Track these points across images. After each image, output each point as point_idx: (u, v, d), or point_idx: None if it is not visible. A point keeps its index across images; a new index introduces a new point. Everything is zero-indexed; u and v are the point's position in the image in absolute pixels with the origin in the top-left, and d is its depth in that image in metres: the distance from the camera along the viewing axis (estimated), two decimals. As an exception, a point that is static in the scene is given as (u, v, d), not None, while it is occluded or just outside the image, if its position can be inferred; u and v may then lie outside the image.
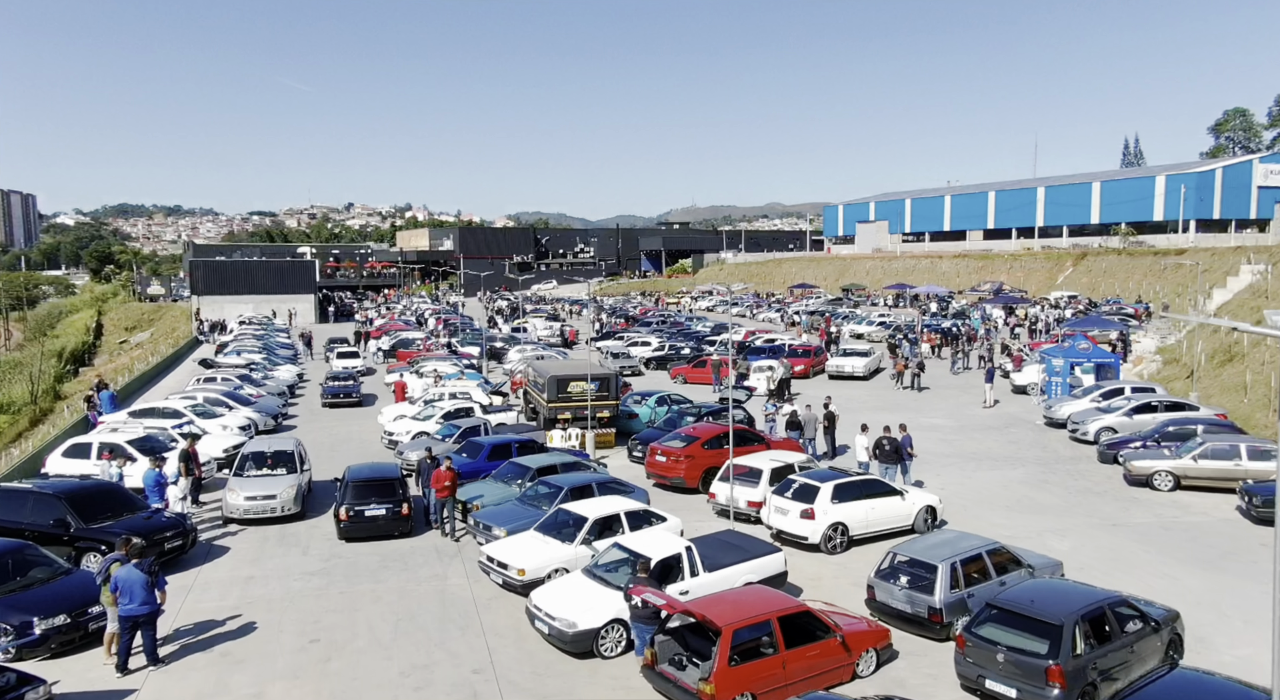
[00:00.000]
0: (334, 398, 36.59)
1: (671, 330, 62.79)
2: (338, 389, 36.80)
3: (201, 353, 59.33)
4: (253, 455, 21.36)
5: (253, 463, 21.09)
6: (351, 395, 36.76)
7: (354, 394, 36.86)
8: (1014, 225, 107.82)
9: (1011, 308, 68.29)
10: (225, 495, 20.15)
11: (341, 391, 36.66)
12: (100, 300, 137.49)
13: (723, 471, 20.33)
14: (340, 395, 36.62)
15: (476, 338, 58.41)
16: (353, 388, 37.08)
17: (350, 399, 36.67)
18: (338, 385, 37.07)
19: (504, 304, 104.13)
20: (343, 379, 37.79)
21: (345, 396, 36.63)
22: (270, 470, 20.85)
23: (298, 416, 34.81)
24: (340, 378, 37.96)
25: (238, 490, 20.00)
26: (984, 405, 33.74)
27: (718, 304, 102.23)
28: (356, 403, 36.74)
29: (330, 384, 37.30)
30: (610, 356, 46.34)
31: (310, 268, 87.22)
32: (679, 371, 42.82)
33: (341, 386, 36.98)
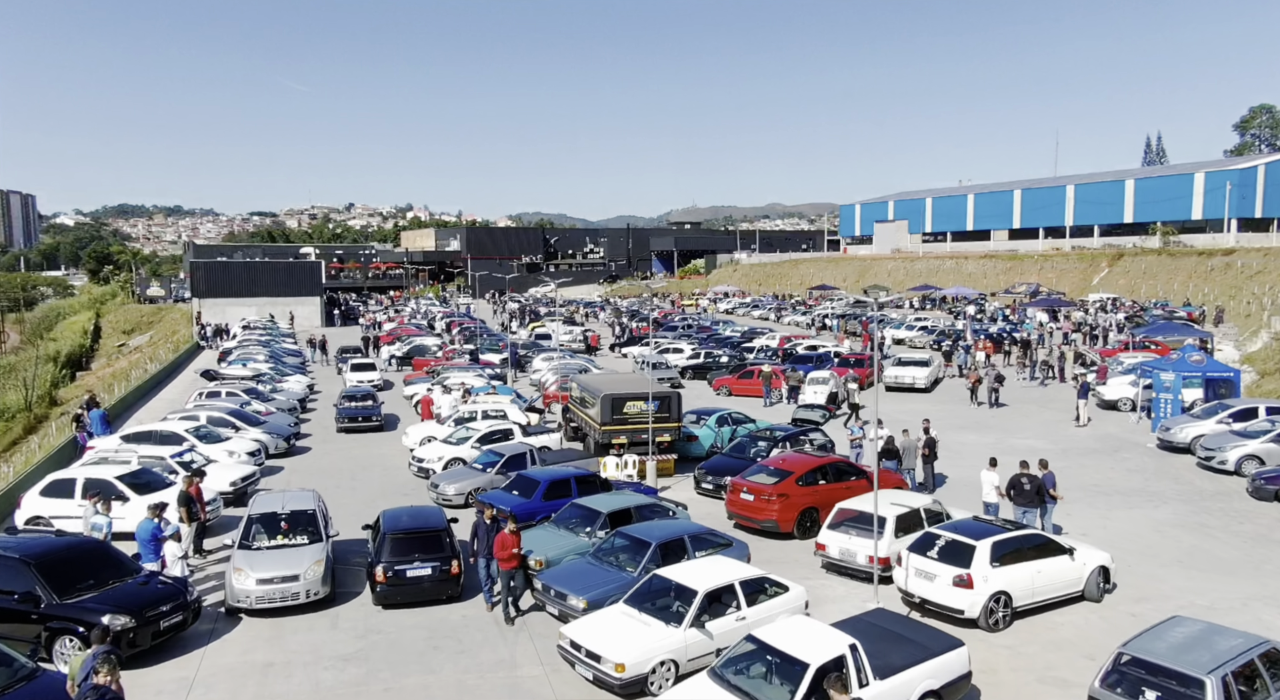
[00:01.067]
0: (351, 422, 31.65)
1: (700, 335, 59.34)
2: (355, 411, 31.90)
3: (203, 360, 55.87)
4: (262, 519, 16.26)
5: (263, 530, 16.08)
6: (371, 419, 31.79)
7: (374, 417, 31.88)
8: (1041, 225, 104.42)
9: (1055, 311, 64.78)
10: (230, 577, 15.11)
11: (360, 414, 31.79)
12: (98, 302, 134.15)
13: (834, 516, 16.86)
14: (359, 419, 31.70)
15: (495, 344, 54.99)
16: (372, 409, 32.23)
17: (371, 423, 31.89)
18: (355, 407, 32.24)
19: (515, 306, 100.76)
20: (360, 399, 33.07)
21: (364, 420, 31.74)
22: (287, 538, 15.91)
23: (311, 435, 31.32)
24: (357, 397, 33.25)
25: (247, 571, 14.99)
26: (1078, 424, 30.29)
27: (737, 306, 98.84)
28: (377, 427, 32.21)
29: (345, 405, 32.53)
30: (646, 366, 42.80)
31: (315, 269, 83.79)
32: (723, 383, 39.33)
33: (359, 408, 32.18)
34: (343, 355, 47.91)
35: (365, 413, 32.00)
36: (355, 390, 34.54)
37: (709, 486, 22.29)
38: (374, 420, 31.91)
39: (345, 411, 32.10)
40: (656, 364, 42.78)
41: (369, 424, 31.81)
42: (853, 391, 33.83)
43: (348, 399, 33.22)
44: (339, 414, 32.07)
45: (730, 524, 19.70)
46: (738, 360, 44.38)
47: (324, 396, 40.66)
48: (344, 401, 32.99)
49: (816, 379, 35.40)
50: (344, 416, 31.86)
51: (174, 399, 39.63)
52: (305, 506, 16.80)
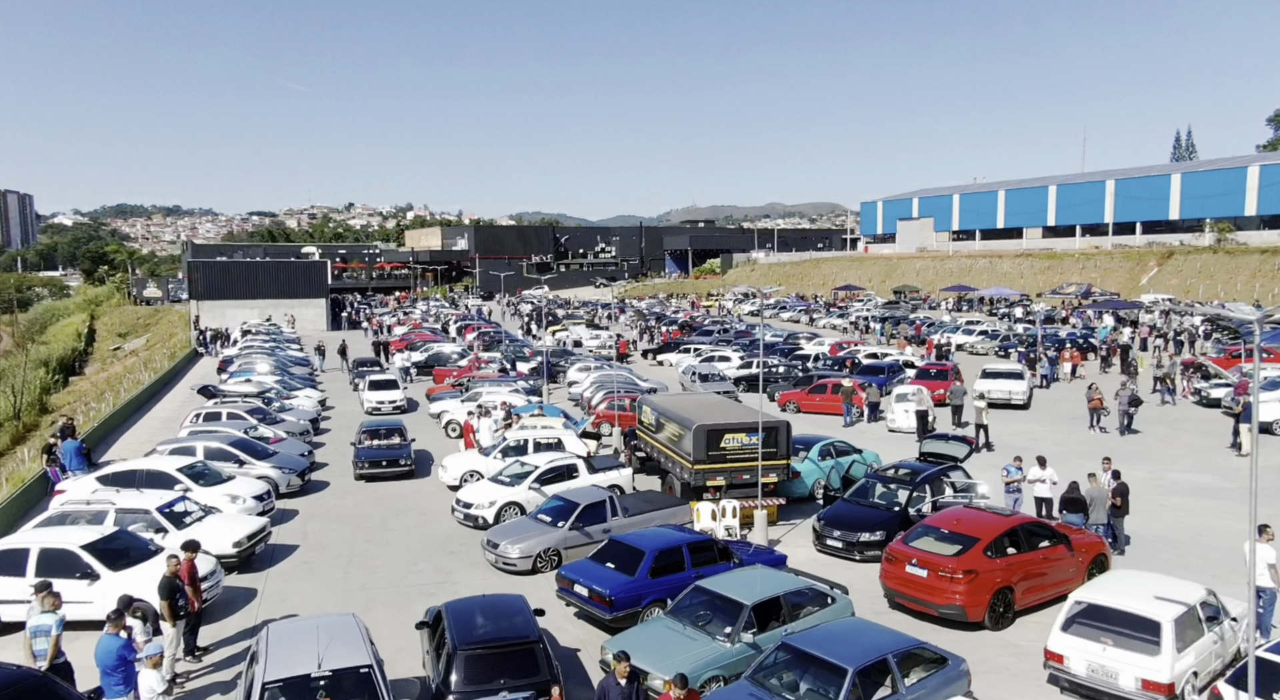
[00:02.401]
0: (373, 466, 24.26)
1: (740, 340, 54.67)
2: (379, 453, 24.61)
3: (201, 370, 51.12)
4: (287, 689, 9.73)
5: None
6: (400, 462, 24.45)
7: (403, 460, 24.57)
8: (1078, 222, 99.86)
9: (1119, 314, 60.13)
10: None
11: (385, 456, 24.50)
12: (93, 303, 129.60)
13: (1072, 610, 12.18)
14: (383, 463, 24.33)
15: (519, 350, 50.32)
16: (401, 450, 24.87)
17: (399, 468, 24.51)
18: (379, 448, 24.89)
19: (529, 307, 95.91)
20: (383, 435, 25.69)
21: (391, 464, 24.36)
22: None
23: (327, 465, 26.63)
24: (380, 433, 25.82)
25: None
26: (1238, 452, 25.66)
27: (762, 307, 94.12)
28: (407, 471, 24.75)
29: (367, 445, 25.17)
30: (694, 377, 38.16)
31: (321, 269, 79.04)
32: (790, 398, 34.64)
33: (385, 449, 24.82)
34: (358, 369, 42.26)
35: (392, 455, 24.62)
36: (378, 424, 26.77)
37: (836, 545, 17.64)
38: (403, 464, 24.55)
39: (366, 453, 24.68)
40: (707, 376, 38.17)
41: (397, 470, 24.50)
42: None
43: (368, 435, 25.71)
44: (358, 456, 24.69)
45: (868, 594, 15.09)
46: (797, 370, 39.69)
47: (337, 413, 35.98)
48: (364, 438, 25.63)
49: (904, 395, 30.73)
50: (364, 460, 24.38)
51: (168, 417, 34.95)
52: (354, 660, 10.17)
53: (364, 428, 26.46)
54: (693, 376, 38.51)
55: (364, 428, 26.46)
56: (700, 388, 36.83)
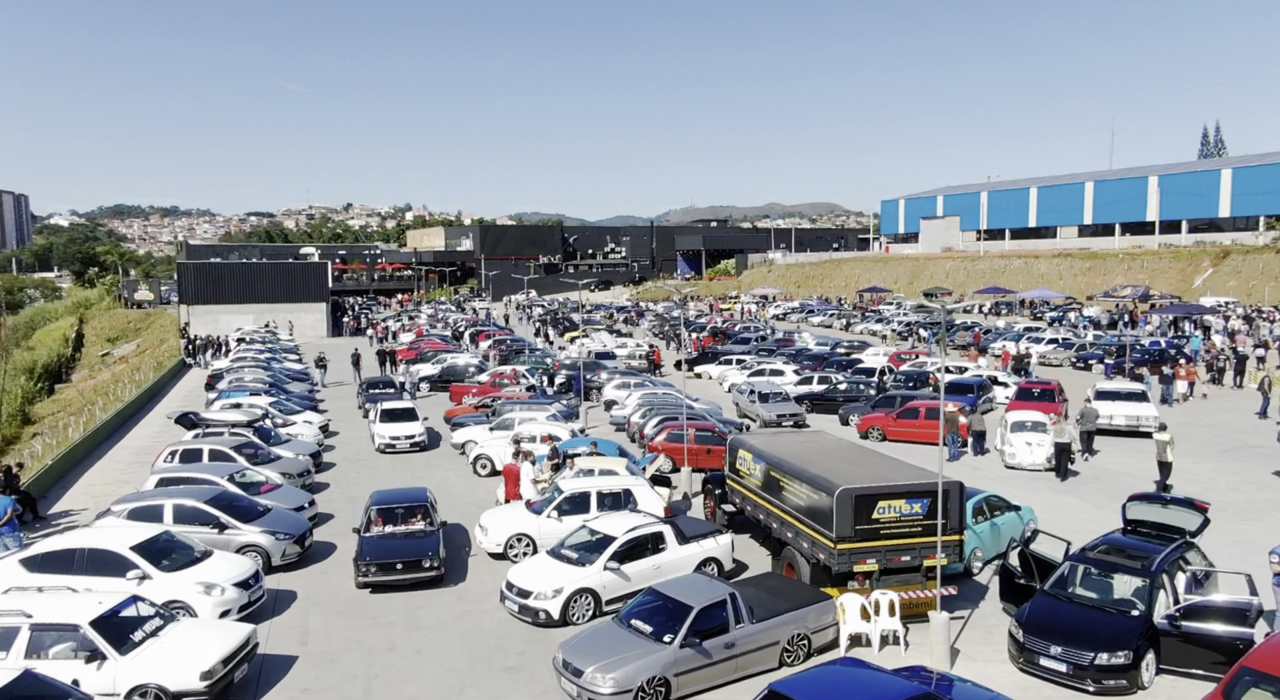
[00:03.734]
0: (384, 569, 16.23)
1: (784, 350, 49.53)
2: (393, 549, 16.56)
3: (186, 387, 45.86)
4: None
5: None
6: (425, 564, 16.35)
7: (428, 560, 16.42)
8: (1118, 220, 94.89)
9: (1191, 318, 55.02)
10: None
11: (403, 556, 16.37)
12: (82, 306, 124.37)
13: None
14: (399, 567, 16.27)
15: (541, 361, 45.17)
16: (427, 544, 16.78)
17: (423, 572, 16.41)
18: (395, 541, 16.85)
19: (540, 310, 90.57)
20: (403, 517, 17.55)
21: (410, 567, 16.31)
22: None
23: (332, 517, 21.47)
24: (398, 514, 17.62)
25: None
26: None
27: (788, 311, 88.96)
28: (436, 575, 16.56)
29: (376, 533, 17.15)
30: (756, 397, 32.99)
31: (321, 271, 73.78)
32: (873, 423, 29.44)
33: (403, 542, 16.84)
34: (370, 392, 35.54)
35: (413, 551, 16.51)
36: (394, 499, 18.23)
37: (1057, 667, 12.48)
38: (428, 566, 16.38)
39: (375, 548, 16.51)
40: (769, 395, 32.95)
41: (419, 574, 16.34)
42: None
43: (380, 516, 17.51)
44: (363, 553, 16.38)
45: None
46: (869, 388, 34.52)
47: (344, 440, 30.80)
48: (373, 521, 17.38)
49: (1026, 423, 25.55)
50: (372, 559, 16.19)
51: (143, 448, 29.75)
52: None
53: (373, 503, 18.09)
54: (750, 395, 33.34)
55: (373, 503, 18.09)
56: (761, 409, 31.72)
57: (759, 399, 32.53)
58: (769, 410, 31.32)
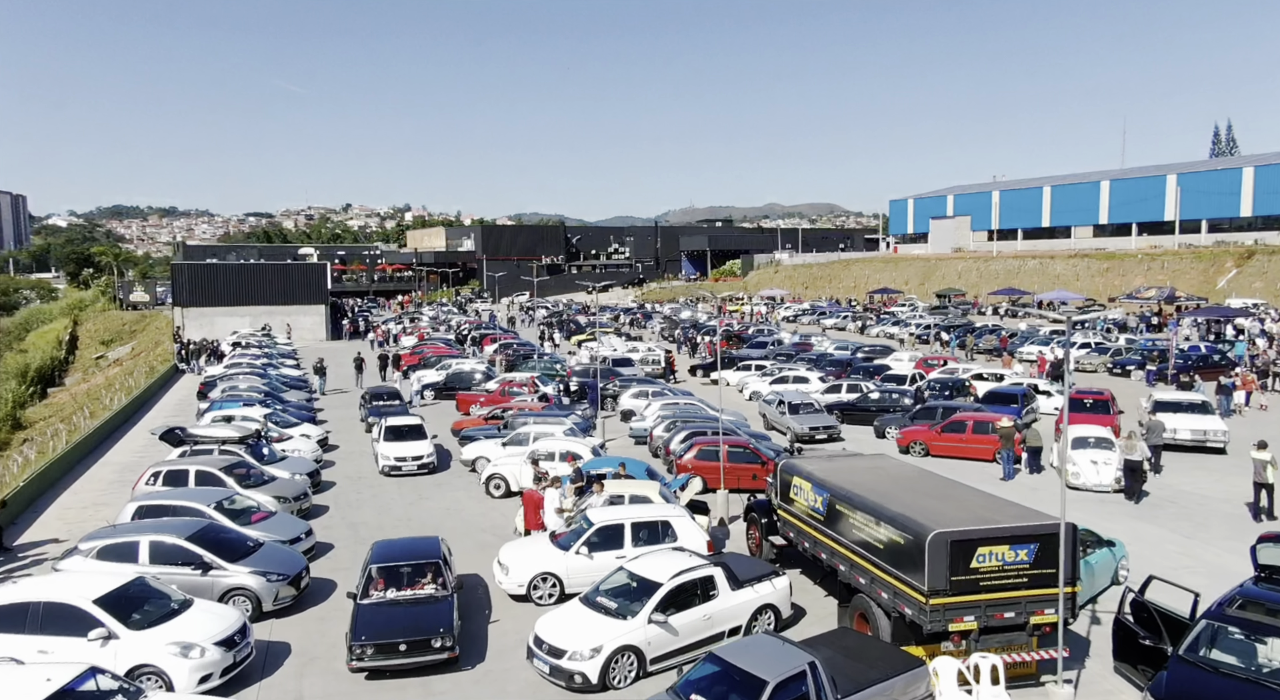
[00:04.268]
0: (383, 651, 13.08)
1: (804, 354, 47.38)
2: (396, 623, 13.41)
3: (177, 395, 43.62)
4: None
5: None
6: (434, 642, 13.21)
7: (439, 638, 13.24)
8: (1135, 220, 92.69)
9: (1229, 321, 52.86)
10: None
11: (406, 634, 13.22)
12: (76, 308, 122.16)
13: None
14: (402, 647, 13.12)
15: (551, 367, 43.00)
16: (438, 613, 13.69)
17: (434, 655, 13.24)
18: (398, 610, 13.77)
19: (544, 312, 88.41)
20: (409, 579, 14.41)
21: (416, 648, 13.16)
22: None
23: (331, 547, 19.32)
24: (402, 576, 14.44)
25: None
26: None
27: (799, 313, 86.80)
28: (448, 657, 13.33)
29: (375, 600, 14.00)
30: (785, 408, 30.78)
31: (320, 272, 71.54)
32: (915, 437, 27.26)
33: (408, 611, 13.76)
34: (373, 404, 32.48)
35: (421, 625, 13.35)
36: (398, 552, 14.89)
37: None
38: (438, 646, 13.20)
39: (373, 623, 13.32)
40: (799, 405, 30.74)
41: (427, 657, 13.20)
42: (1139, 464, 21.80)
43: (382, 576, 14.24)
44: (357, 629, 13.22)
45: None
46: (904, 398, 32.33)
47: (344, 455, 28.62)
48: (372, 584, 14.13)
49: (1093, 440, 23.39)
50: (368, 637, 13.04)
51: (127, 464, 27.57)
52: None
53: (374, 559, 14.56)
54: (779, 406, 31.13)
55: (374, 559, 14.56)
56: (792, 421, 29.54)
57: (789, 410, 30.34)
58: (800, 423, 29.16)
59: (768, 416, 32.03)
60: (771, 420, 31.56)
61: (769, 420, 31.83)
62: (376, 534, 20.28)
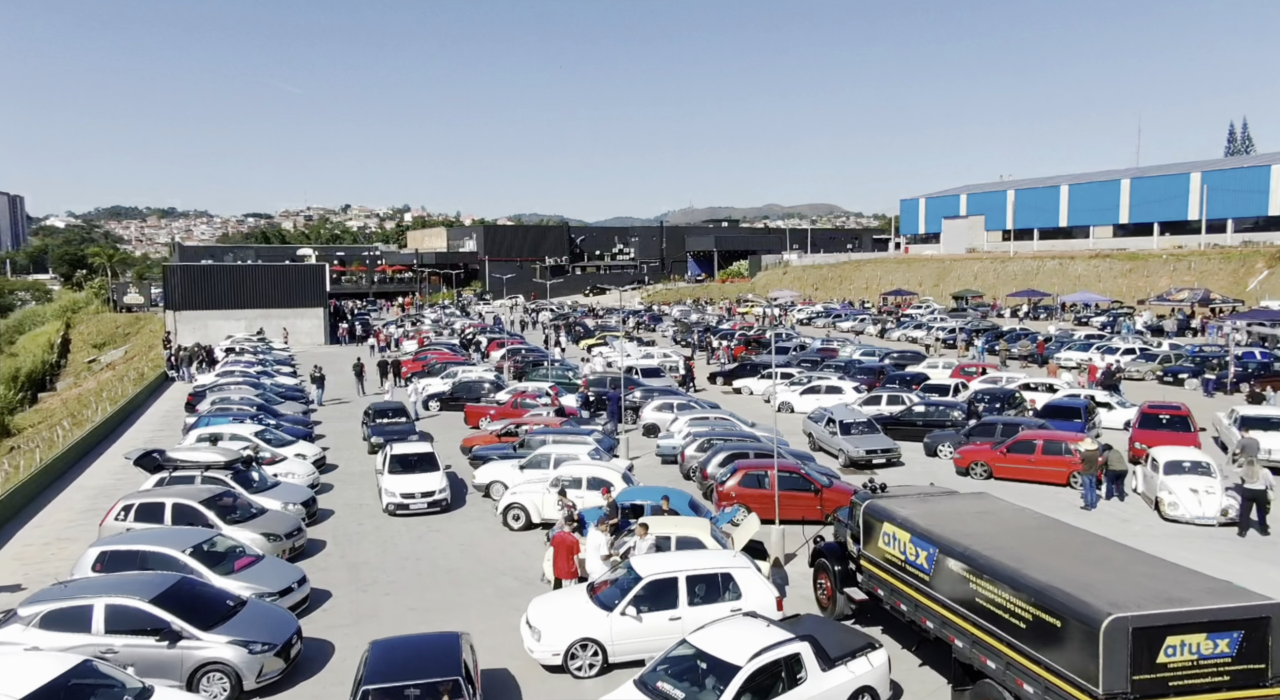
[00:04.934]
0: None
1: (830, 360, 44.72)
2: None
3: (164, 407, 40.81)
4: None
5: None
6: None
7: None
8: (1157, 219, 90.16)
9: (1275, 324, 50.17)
10: None
11: None
12: (69, 310, 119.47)
13: None
14: None
15: (563, 374, 40.31)
16: None
17: None
18: None
19: (549, 315, 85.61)
20: None
21: None
22: None
23: (330, 595, 16.63)
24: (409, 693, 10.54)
25: None
26: None
27: (812, 315, 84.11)
28: None
29: None
30: (835, 428, 27.60)
31: (318, 274, 68.81)
32: (975, 457, 24.58)
33: None
34: (377, 422, 28.83)
35: None
36: (404, 659, 11.19)
37: None
38: None
39: None
40: (851, 425, 27.49)
41: None
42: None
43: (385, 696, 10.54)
44: None
45: None
46: (955, 411, 29.59)
47: (342, 476, 25.92)
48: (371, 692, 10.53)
49: (1189, 464, 20.70)
50: None
51: (101, 489, 24.87)
52: None
53: (369, 674, 10.85)
54: (827, 424, 28.05)
55: (369, 674, 10.85)
56: (845, 443, 26.46)
57: (840, 430, 27.37)
58: (855, 445, 26.21)
59: (815, 436, 28.96)
60: (819, 440, 28.56)
61: (815, 440, 28.83)
62: (379, 576, 17.67)
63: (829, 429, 27.51)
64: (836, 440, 26.77)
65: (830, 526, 17.98)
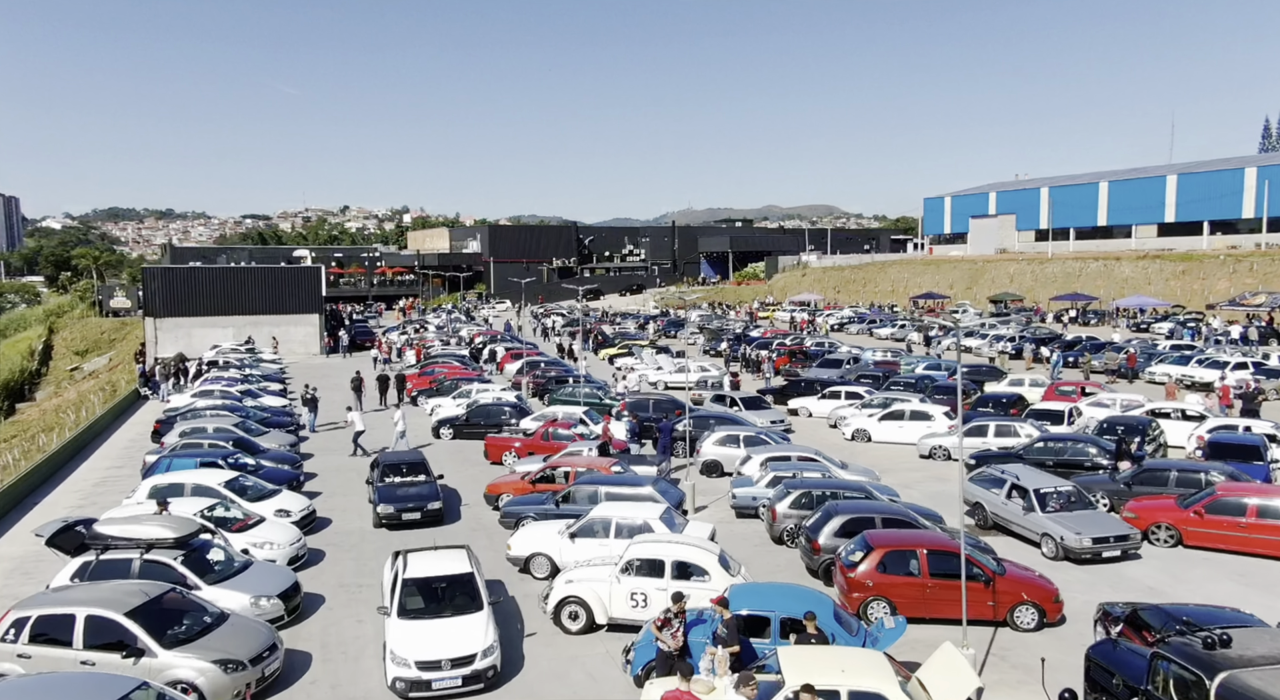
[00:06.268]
0: None
1: (898, 378, 39.09)
2: None
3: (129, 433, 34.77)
4: None
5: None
6: None
7: None
8: (1207, 218, 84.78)
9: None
10: None
11: None
12: (54, 314, 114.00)
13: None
14: None
15: (595, 394, 34.71)
16: None
17: None
18: None
19: (560, 320, 79.73)
20: None
21: None
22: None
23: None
24: None
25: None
26: None
27: (843, 321, 78.37)
28: None
29: None
30: (1023, 498, 19.49)
31: (314, 276, 63.08)
32: (1159, 514, 18.94)
33: None
34: (385, 481, 21.48)
35: None
36: None
37: None
38: None
39: None
40: (1050, 495, 19.12)
41: None
42: None
43: None
44: None
45: None
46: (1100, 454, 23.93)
47: (334, 541, 20.35)
48: None
49: None
50: None
51: (17, 563, 19.25)
52: None
53: None
54: (1009, 492, 19.89)
55: None
56: (1052, 524, 18.40)
57: (1036, 503, 18.94)
58: (1070, 528, 18.08)
59: (989, 507, 20.63)
60: (995, 513, 20.46)
61: (991, 513, 20.59)
62: None
63: (1015, 499, 19.74)
64: (1036, 520, 18.90)
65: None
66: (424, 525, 20.81)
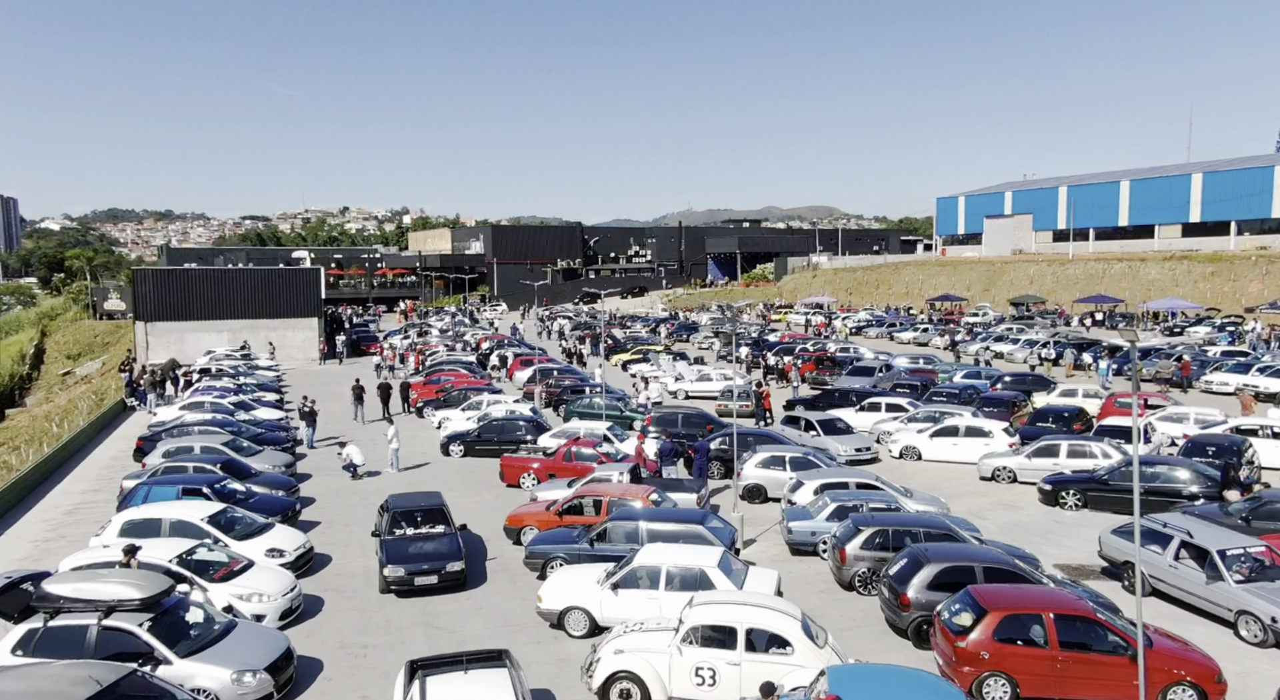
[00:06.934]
0: None
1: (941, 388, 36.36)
2: None
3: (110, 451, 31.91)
4: None
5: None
6: None
7: None
8: (1235, 217, 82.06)
9: None
10: None
11: None
12: (47, 317, 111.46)
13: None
14: None
15: (614, 407, 32.01)
16: None
17: None
18: None
19: (566, 322, 76.87)
20: None
21: None
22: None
23: None
24: None
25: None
26: None
27: (862, 325, 75.66)
28: None
29: None
30: (1207, 566, 15.15)
31: (313, 278, 60.35)
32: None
33: None
34: (395, 533, 17.69)
35: None
36: None
37: None
38: None
39: None
40: (1237, 559, 15.12)
41: None
42: None
43: None
44: None
45: None
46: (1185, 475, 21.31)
47: (330, 584, 17.69)
48: None
49: None
50: None
51: None
52: None
53: None
54: (1178, 552, 15.98)
55: None
56: (1253, 600, 14.55)
57: (1225, 568, 15.04)
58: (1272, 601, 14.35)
59: (1149, 570, 16.34)
60: (1155, 577, 16.41)
61: (1154, 580, 16.43)
62: None
63: (1187, 562, 15.88)
64: (1229, 593, 14.92)
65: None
66: (442, 591, 16.87)
